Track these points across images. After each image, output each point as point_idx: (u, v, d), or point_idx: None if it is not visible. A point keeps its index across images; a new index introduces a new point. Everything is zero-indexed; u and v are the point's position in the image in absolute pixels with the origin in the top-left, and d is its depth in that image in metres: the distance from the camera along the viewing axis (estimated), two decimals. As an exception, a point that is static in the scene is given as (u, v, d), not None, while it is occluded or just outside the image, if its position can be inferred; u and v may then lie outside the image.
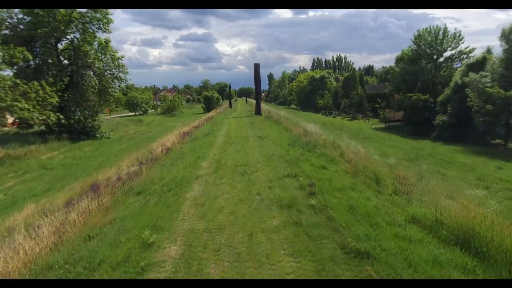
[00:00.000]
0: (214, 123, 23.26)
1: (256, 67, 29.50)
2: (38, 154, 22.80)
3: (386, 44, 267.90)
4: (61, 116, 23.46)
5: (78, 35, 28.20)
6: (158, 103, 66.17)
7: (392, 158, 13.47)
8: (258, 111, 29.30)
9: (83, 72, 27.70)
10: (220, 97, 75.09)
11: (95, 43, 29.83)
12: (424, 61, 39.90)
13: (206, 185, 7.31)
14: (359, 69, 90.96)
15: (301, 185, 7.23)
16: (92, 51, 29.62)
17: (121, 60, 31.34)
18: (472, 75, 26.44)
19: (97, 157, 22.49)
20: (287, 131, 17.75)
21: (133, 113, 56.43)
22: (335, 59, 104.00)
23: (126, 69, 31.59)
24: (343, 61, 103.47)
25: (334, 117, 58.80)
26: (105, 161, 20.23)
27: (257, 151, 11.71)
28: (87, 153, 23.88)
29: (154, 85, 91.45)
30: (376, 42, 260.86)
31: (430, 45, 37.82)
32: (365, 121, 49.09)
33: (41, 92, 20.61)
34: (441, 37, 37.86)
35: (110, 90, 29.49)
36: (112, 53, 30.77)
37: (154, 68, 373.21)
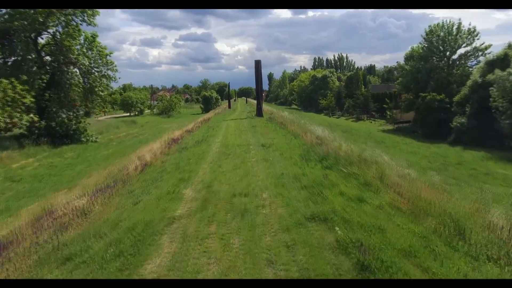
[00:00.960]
0: (210, 126, 20.35)
1: (257, 64, 26.60)
2: (10, 161, 19.81)
3: (386, 44, 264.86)
4: (36, 118, 20.51)
5: (60, 29, 25.29)
6: (155, 103, 63.23)
7: (432, 174, 10.59)
8: (259, 112, 26.40)
9: (65, 69, 24.74)
10: (219, 97, 72.16)
11: (82, 38, 26.99)
12: (436, 59, 37.01)
13: (183, 242, 4.39)
14: (360, 68, 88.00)
15: (339, 243, 4.31)
16: (78, 46, 26.77)
17: (110, 56, 28.47)
18: (498, 72, 23.54)
19: (77, 165, 19.54)
20: (295, 137, 14.84)
21: (128, 114, 53.49)
22: (336, 58, 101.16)
23: (115, 66, 28.69)
24: (345, 60, 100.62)
25: (338, 117, 55.93)
26: (84, 170, 17.30)
27: (261, 168, 8.82)
28: (67, 160, 20.91)
29: (152, 85, 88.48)
30: (375, 42, 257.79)
31: (443, 41, 34.90)
32: (371, 122, 46.21)
33: (10, 91, 17.70)
34: (455, 33, 34.95)
35: (96, 90, 26.55)
36: (100, 49, 27.88)
37: (154, 68, 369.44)
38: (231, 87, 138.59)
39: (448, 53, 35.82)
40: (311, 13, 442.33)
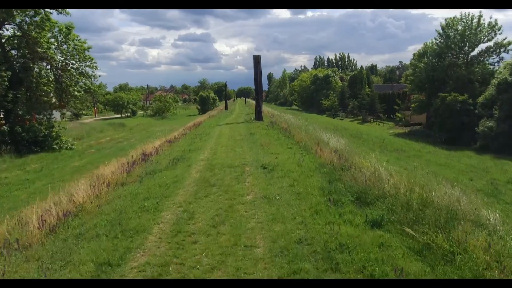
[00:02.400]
0: (198, 133, 16.52)
1: (256, 60, 22.78)
2: (-46, 177, 16.10)
3: (385, 44, 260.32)
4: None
5: (27, 19, 21.43)
6: (149, 103, 59.37)
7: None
8: (258, 116, 22.60)
9: (32, 65, 20.87)
10: (217, 98, 68.31)
11: (56, 30, 23.15)
12: (451, 55, 33.26)
13: None
14: (362, 68, 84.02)
15: None
16: (52, 39, 22.94)
17: (88, 51, 24.63)
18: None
19: (36, 181, 15.71)
20: (307, 151, 11.06)
21: (119, 115, 49.65)
22: (337, 57, 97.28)
23: (94, 63, 24.85)
24: (346, 60, 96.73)
25: (342, 119, 52.16)
26: (40, 189, 13.50)
27: (261, 221, 5.05)
28: (27, 175, 17.09)
29: (147, 85, 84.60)
30: (374, 42, 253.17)
31: (462, 35, 31.11)
32: (378, 124, 42.46)
33: None
34: (474, 27, 31.18)
35: (71, 89, 22.70)
36: (78, 43, 24.04)
37: (153, 68, 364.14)
38: (230, 87, 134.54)
39: (466, 48, 32.05)
40: (310, 13, 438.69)
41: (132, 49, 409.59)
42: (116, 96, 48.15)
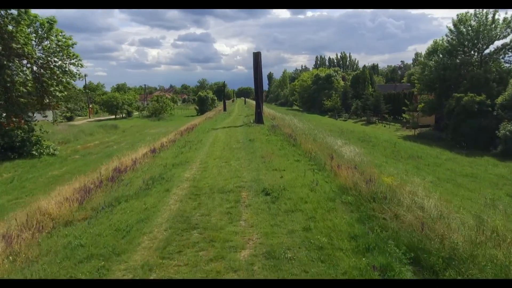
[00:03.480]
0: (190, 140, 14.22)
1: (256, 56, 20.51)
2: None
3: (384, 44, 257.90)
4: None
5: (3, 12, 19.19)
6: (145, 104, 57.09)
7: None
8: (259, 118, 20.33)
9: (5, 62, 18.59)
10: (216, 98, 65.98)
11: (37, 24, 20.94)
12: (463, 53, 30.97)
13: None
14: (365, 67, 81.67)
15: None
16: (34, 34, 20.72)
17: (73, 48, 22.40)
18: None
19: (2, 195, 13.55)
20: (319, 166, 8.83)
21: (114, 116, 47.38)
22: (339, 57, 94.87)
23: (79, 60, 22.60)
24: (348, 59, 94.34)
25: (345, 120, 49.94)
26: (4, 207, 11.36)
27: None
28: (-6, 186, 14.93)
29: (145, 85, 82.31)
30: (374, 43, 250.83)
31: (476, 31, 28.83)
32: (384, 126, 40.20)
33: None
34: (489, 23, 28.89)
35: (52, 89, 20.45)
36: (63, 39, 21.82)
37: (153, 68, 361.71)
38: (230, 87, 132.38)
39: (480, 45, 29.77)
40: (310, 13, 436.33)
41: (132, 49, 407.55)
42: (110, 97, 45.84)
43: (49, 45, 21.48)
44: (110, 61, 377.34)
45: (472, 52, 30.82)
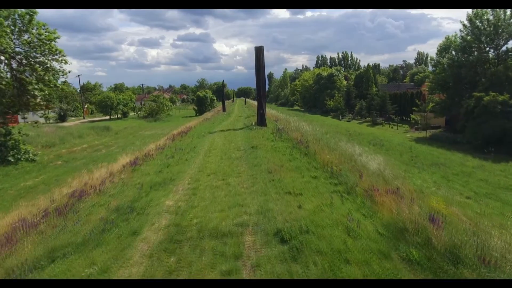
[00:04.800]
0: (181, 147, 11.91)
1: (258, 51, 18.25)
2: None
3: (384, 44, 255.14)
4: None
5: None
6: (140, 104, 54.77)
7: None
8: (261, 120, 18.08)
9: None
10: (215, 98, 63.66)
11: (16, 16, 18.70)
12: (479, 49, 28.75)
13: None
14: (369, 66, 79.41)
15: None
16: (12, 27, 18.50)
17: (56, 42, 20.15)
18: None
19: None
20: (346, 188, 6.59)
21: (108, 117, 45.07)
22: (340, 56, 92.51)
23: (63, 56, 20.34)
24: (349, 58, 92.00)
25: (349, 121, 47.70)
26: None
27: None
28: (-48, 201, 12.65)
29: (143, 84, 79.97)
30: (373, 43, 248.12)
31: (495, 26, 26.60)
32: (391, 127, 37.97)
33: None
34: (508, 17, 26.68)
35: (30, 88, 18.18)
36: (45, 33, 19.58)
37: (152, 68, 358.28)
38: (229, 87, 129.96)
39: (498, 41, 27.55)
40: (309, 13, 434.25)
41: (131, 49, 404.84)
42: (104, 97, 43.49)
43: (29, 39, 19.25)
44: (110, 61, 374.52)
45: (488, 49, 28.62)
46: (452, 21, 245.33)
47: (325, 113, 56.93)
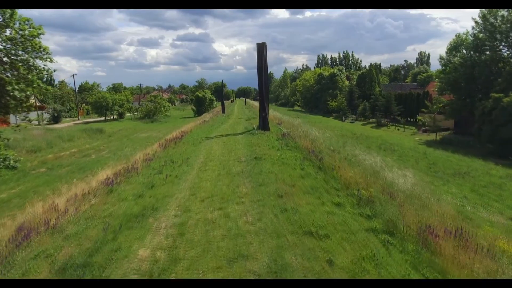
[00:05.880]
0: (172, 159, 10.15)
1: (261, 48, 16.53)
2: None
3: (383, 44, 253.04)
4: None
5: None
6: (137, 104, 52.98)
7: None
8: (264, 124, 16.36)
9: None
10: (215, 98, 61.91)
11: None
12: (493, 47, 27.08)
13: None
14: (372, 66, 77.62)
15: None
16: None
17: (40, 38, 18.41)
18: None
19: None
20: (387, 226, 4.85)
21: (104, 118, 43.29)
22: (341, 56, 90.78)
23: (47, 53, 18.58)
24: (350, 58, 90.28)
25: (352, 122, 46.03)
26: None
27: None
28: None
29: (140, 84, 78.15)
30: (373, 43, 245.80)
31: (511, 22, 24.93)
32: (398, 129, 36.30)
33: None
34: (524, 13, 24.99)
35: (9, 89, 16.43)
36: (29, 28, 17.84)
37: (152, 68, 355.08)
38: (229, 87, 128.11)
39: (513, 39, 25.88)
40: (308, 13, 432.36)
41: (130, 49, 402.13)
42: (99, 97, 41.69)
43: (11, 35, 17.52)
44: (109, 61, 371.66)
45: (501, 46, 26.95)
46: (451, 21, 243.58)
47: (327, 114, 55.28)
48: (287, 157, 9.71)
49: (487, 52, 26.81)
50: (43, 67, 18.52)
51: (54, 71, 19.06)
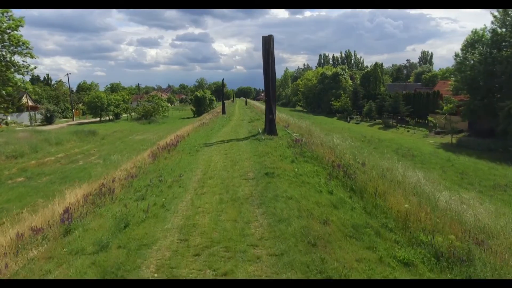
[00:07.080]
0: (161, 175, 8.01)
1: (267, 42, 14.44)
2: None
3: (383, 44, 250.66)
4: None
5: None
6: (134, 105, 50.80)
7: None
8: (270, 127, 14.27)
9: None
10: (215, 98, 59.82)
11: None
12: (511, 44, 25.02)
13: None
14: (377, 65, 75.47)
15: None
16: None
17: (18, 31, 16.38)
18: None
19: None
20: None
21: (98, 119, 41.16)
22: (343, 55, 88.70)
23: (28, 48, 16.53)
24: (353, 57, 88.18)
25: (357, 123, 43.94)
26: None
27: None
28: None
29: (139, 84, 75.99)
30: (372, 43, 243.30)
31: (536, 16, 22.86)
32: (408, 131, 34.21)
33: None
34: (549, 6, 22.88)
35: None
36: (7, 21, 15.84)
37: (152, 68, 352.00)
38: (229, 87, 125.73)
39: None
40: (308, 13, 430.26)
41: (130, 49, 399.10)
42: (94, 97, 39.56)
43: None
44: (109, 61, 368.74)
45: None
46: (450, 21, 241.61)
47: (330, 114, 53.23)
48: (306, 172, 7.61)
49: (507, 49, 24.73)
50: (22, 64, 16.50)
51: (35, 67, 17.00)
